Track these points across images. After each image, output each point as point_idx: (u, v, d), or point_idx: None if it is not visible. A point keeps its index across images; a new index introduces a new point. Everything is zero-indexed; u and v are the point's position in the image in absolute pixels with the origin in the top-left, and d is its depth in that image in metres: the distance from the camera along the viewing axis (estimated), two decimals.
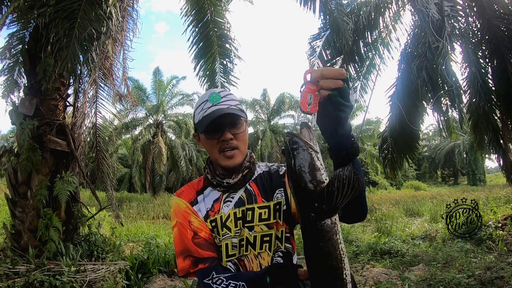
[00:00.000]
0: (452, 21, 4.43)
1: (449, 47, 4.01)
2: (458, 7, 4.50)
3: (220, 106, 1.09)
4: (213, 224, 1.12)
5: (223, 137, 1.08)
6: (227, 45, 5.24)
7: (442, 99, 4.95)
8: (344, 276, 0.80)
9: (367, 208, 1.01)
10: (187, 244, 1.08)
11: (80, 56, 3.79)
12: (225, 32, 5.19)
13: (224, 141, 1.08)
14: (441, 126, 5.17)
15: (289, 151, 0.79)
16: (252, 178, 1.18)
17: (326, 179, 0.77)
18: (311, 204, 0.76)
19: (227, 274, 1.01)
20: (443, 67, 3.93)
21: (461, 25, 4.98)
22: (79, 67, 4.49)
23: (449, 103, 5.07)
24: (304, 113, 0.80)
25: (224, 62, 5.29)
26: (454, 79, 4.04)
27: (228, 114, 1.07)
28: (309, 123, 0.83)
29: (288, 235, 1.14)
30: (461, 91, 4.07)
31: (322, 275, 0.79)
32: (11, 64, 5.09)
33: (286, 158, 0.80)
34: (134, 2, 5.68)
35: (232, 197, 1.14)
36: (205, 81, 5.36)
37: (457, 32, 4.30)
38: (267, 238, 1.11)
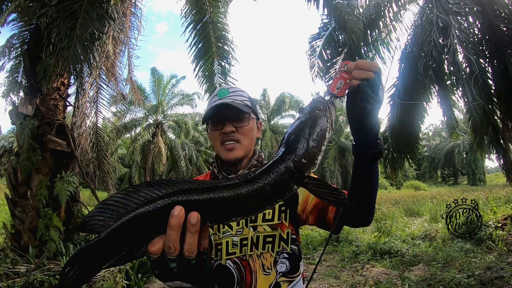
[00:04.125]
0: (458, 18, 4.43)
1: (456, 43, 4.00)
2: (461, 3, 4.51)
3: (225, 100, 1.10)
4: None
5: (224, 129, 1.09)
6: (225, 47, 5.25)
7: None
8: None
9: (373, 214, 1.01)
10: None
11: (81, 56, 3.79)
12: (224, 33, 5.20)
13: (225, 133, 1.09)
14: (452, 123, 5.16)
15: (312, 108, 0.78)
16: None
17: (322, 152, 0.76)
18: (300, 157, 0.73)
19: None
20: (451, 64, 3.92)
21: (462, 23, 4.98)
22: (80, 67, 4.50)
23: (451, 103, 5.08)
24: (331, 95, 0.82)
25: (222, 63, 5.31)
26: (464, 76, 4.03)
27: (230, 106, 1.07)
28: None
29: (294, 236, 1.12)
30: (472, 89, 4.04)
31: (230, 200, 0.69)
32: (13, 66, 5.07)
33: (304, 111, 0.79)
34: (137, 0, 5.70)
35: None
36: (204, 82, 5.37)
37: (457, 33, 4.30)
38: (270, 239, 1.10)
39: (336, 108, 0.85)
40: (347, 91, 0.82)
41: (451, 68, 3.97)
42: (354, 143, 0.90)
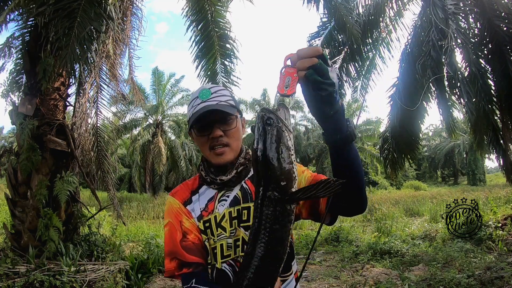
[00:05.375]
0: (459, 18, 4.45)
1: (454, 45, 4.01)
2: (460, 3, 4.51)
3: (209, 102, 1.06)
4: (207, 224, 1.09)
5: (212, 134, 1.06)
6: (228, 45, 5.25)
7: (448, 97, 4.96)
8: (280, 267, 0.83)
9: (367, 201, 0.98)
10: (175, 246, 1.06)
11: (80, 55, 3.78)
12: (226, 32, 5.20)
13: (213, 138, 1.07)
14: (450, 123, 5.16)
15: (262, 126, 0.78)
16: (248, 176, 1.14)
17: (294, 160, 0.77)
18: (277, 181, 0.74)
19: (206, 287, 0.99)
20: (448, 65, 3.93)
21: (462, 25, 4.98)
22: (79, 67, 4.49)
23: (449, 103, 5.07)
24: (281, 95, 0.79)
25: (225, 62, 5.31)
26: (461, 76, 4.04)
27: (216, 110, 1.05)
28: (287, 105, 0.85)
29: None
30: (468, 89, 4.05)
31: (266, 260, 0.78)
32: (18, 68, 5.04)
33: (257, 133, 0.79)
34: (137, 0, 5.70)
35: (228, 196, 1.11)
36: (206, 82, 5.38)
37: (455, 34, 4.31)
38: None
39: (288, 108, 0.84)
40: (297, 85, 0.79)
41: (448, 70, 3.98)
42: (323, 131, 0.87)
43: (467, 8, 4.88)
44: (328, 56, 0.84)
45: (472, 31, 5.16)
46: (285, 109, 0.81)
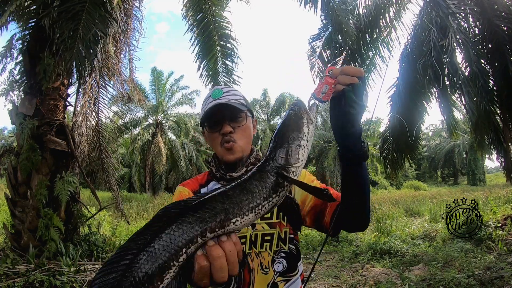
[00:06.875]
0: (458, 17, 4.45)
1: (455, 44, 4.01)
2: (461, 3, 4.52)
3: (221, 100, 1.10)
4: None
5: (222, 130, 1.09)
6: (229, 45, 5.25)
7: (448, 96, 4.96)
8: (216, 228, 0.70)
9: (369, 218, 1.02)
10: None
11: (85, 57, 3.79)
12: (226, 32, 5.20)
13: (224, 134, 1.09)
14: (451, 123, 5.16)
15: (288, 110, 0.86)
16: None
17: (304, 145, 0.81)
18: (276, 155, 0.79)
19: None
20: (448, 65, 3.94)
21: (462, 24, 4.99)
22: (84, 68, 4.49)
23: (450, 102, 5.08)
24: (315, 99, 0.85)
25: (227, 62, 5.32)
26: (462, 76, 4.04)
27: (227, 106, 1.08)
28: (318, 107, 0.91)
29: (292, 236, 1.13)
30: (469, 89, 4.07)
31: (225, 198, 0.75)
32: (21, 70, 5.03)
33: (282, 118, 0.87)
34: (139, 1, 5.70)
35: None
36: (208, 81, 5.38)
37: (456, 34, 4.31)
38: (268, 238, 1.10)
39: (318, 108, 0.89)
40: (331, 95, 0.85)
41: (449, 69, 3.99)
42: (338, 147, 0.92)
43: (467, 8, 4.88)
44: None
45: (472, 30, 5.17)
46: (315, 107, 0.87)
